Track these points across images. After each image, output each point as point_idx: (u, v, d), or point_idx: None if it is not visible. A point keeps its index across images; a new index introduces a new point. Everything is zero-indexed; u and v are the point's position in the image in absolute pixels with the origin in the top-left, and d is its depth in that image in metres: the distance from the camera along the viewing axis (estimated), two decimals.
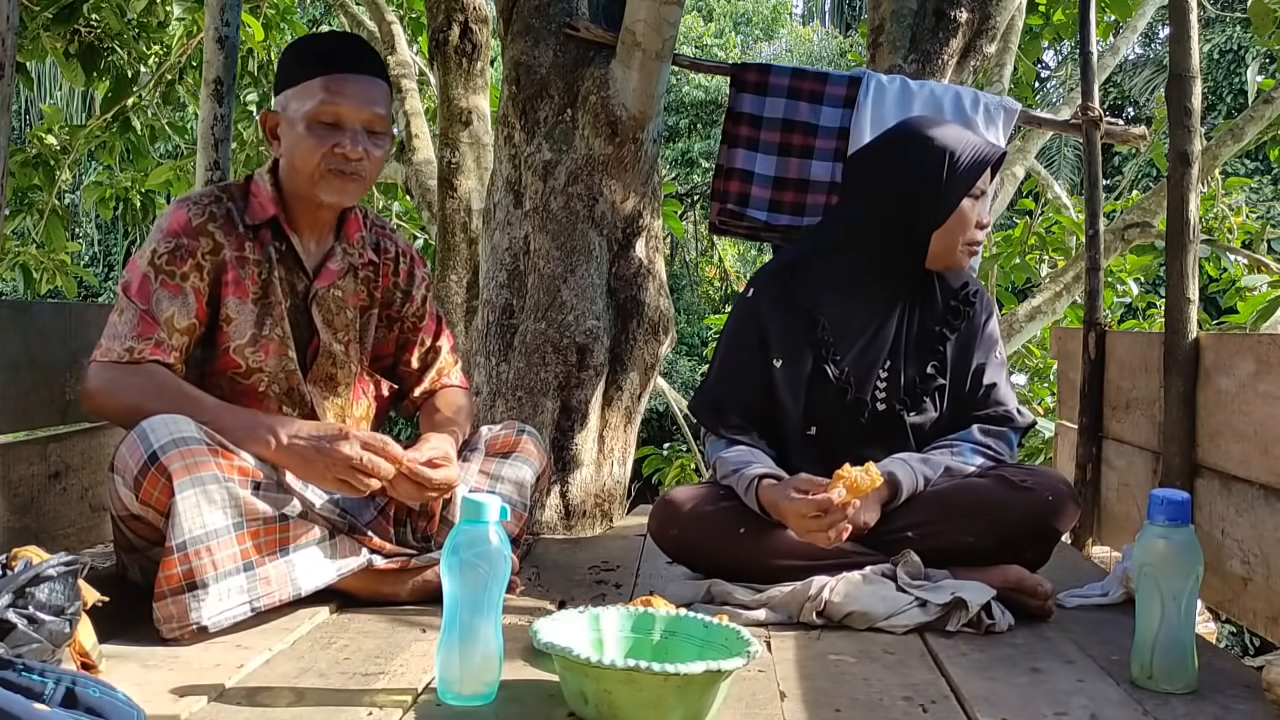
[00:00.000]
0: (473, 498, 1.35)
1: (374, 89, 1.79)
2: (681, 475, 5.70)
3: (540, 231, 2.69)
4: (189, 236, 1.75)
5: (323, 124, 1.74)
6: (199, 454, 1.57)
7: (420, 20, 5.46)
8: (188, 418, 1.60)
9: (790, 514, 1.83)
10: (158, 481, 1.55)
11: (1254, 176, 12.41)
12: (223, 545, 1.56)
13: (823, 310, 2.02)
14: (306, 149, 1.75)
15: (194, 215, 1.77)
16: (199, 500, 1.55)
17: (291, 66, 1.80)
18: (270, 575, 1.62)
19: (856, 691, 1.43)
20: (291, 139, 1.77)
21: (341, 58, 1.76)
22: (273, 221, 1.81)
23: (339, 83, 1.74)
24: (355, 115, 1.75)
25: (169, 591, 1.53)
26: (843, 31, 18.04)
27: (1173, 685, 1.46)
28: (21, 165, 5.23)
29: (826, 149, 2.69)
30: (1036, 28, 5.41)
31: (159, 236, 1.76)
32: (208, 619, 1.53)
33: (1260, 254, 5.28)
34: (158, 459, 1.54)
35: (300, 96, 1.75)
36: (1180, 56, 2.21)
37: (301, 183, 1.79)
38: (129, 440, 1.59)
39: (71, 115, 10.98)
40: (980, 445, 1.99)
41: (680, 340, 8.20)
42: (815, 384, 2.01)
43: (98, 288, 14.31)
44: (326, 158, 1.75)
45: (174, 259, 1.74)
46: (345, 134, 1.75)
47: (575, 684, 1.29)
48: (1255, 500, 1.90)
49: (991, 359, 2.06)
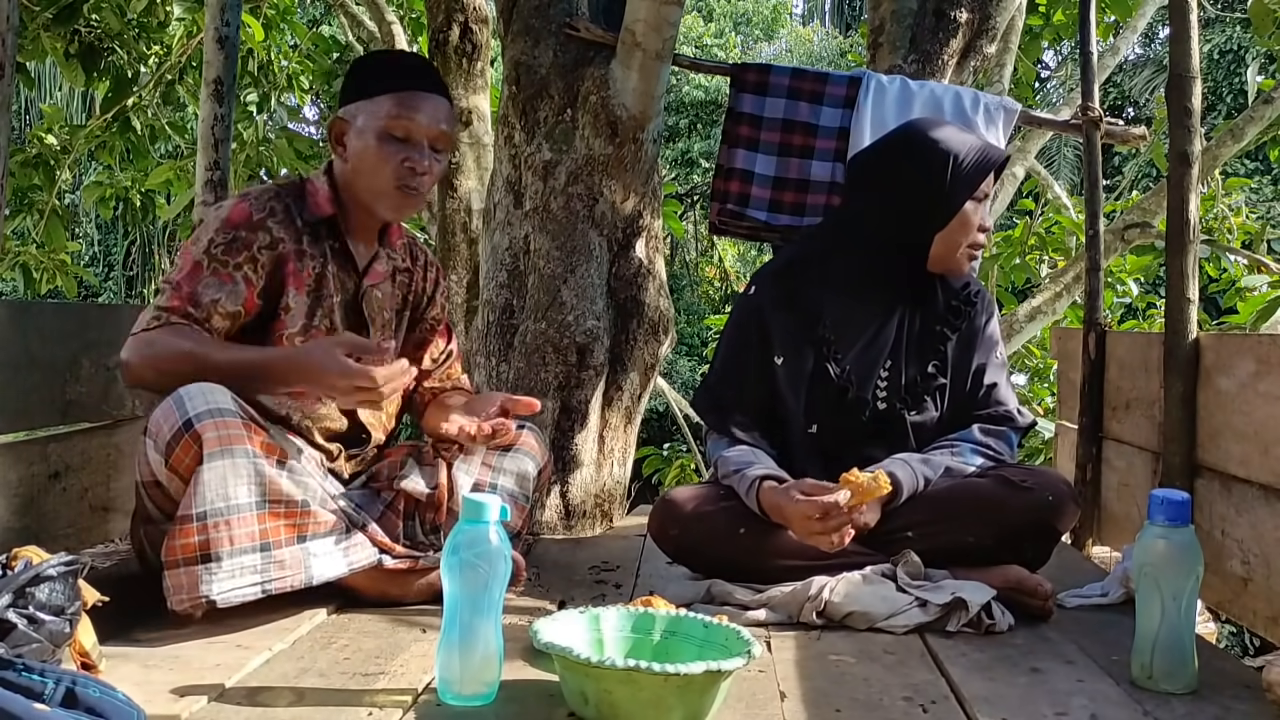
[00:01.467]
0: (473, 497, 1.35)
1: (443, 108, 1.86)
2: (681, 475, 5.69)
3: (540, 231, 2.69)
4: (247, 229, 1.79)
5: (394, 138, 1.81)
6: (233, 426, 1.59)
7: (420, 20, 5.46)
8: (224, 388, 1.63)
9: (794, 516, 1.83)
10: (190, 449, 1.57)
11: (1254, 176, 12.42)
12: (243, 521, 1.58)
13: (824, 309, 2.02)
14: (376, 160, 1.81)
15: (255, 209, 1.80)
16: (226, 473, 1.57)
17: (364, 80, 1.86)
18: (285, 559, 1.62)
19: (856, 691, 1.43)
20: (360, 148, 1.83)
21: (415, 76, 1.86)
22: (329, 220, 1.87)
23: (411, 99, 1.82)
24: (424, 131, 1.82)
25: (182, 560, 1.54)
26: (843, 31, 18.04)
27: (1173, 685, 1.46)
28: (21, 165, 5.22)
29: (826, 149, 2.69)
30: (1036, 28, 5.41)
31: (216, 226, 1.79)
32: (218, 594, 1.54)
33: (1260, 254, 5.28)
34: (193, 426, 1.57)
35: (372, 109, 1.82)
36: (1180, 56, 2.21)
37: (364, 191, 1.85)
38: (165, 405, 1.61)
39: (71, 115, 10.98)
40: (980, 445, 1.99)
41: (680, 340, 8.21)
42: (816, 382, 2.01)
43: (98, 288, 14.32)
44: (395, 171, 1.81)
45: (230, 249, 1.77)
46: (414, 149, 1.82)
47: (575, 684, 1.29)
48: (1255, 500, 1.90)
49: (992, 359, 2.07)
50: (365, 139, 1.82)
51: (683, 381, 11.51)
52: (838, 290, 2.03)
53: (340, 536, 1.71)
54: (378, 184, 1.83)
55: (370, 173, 1.83)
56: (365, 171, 1.83)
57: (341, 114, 1.87)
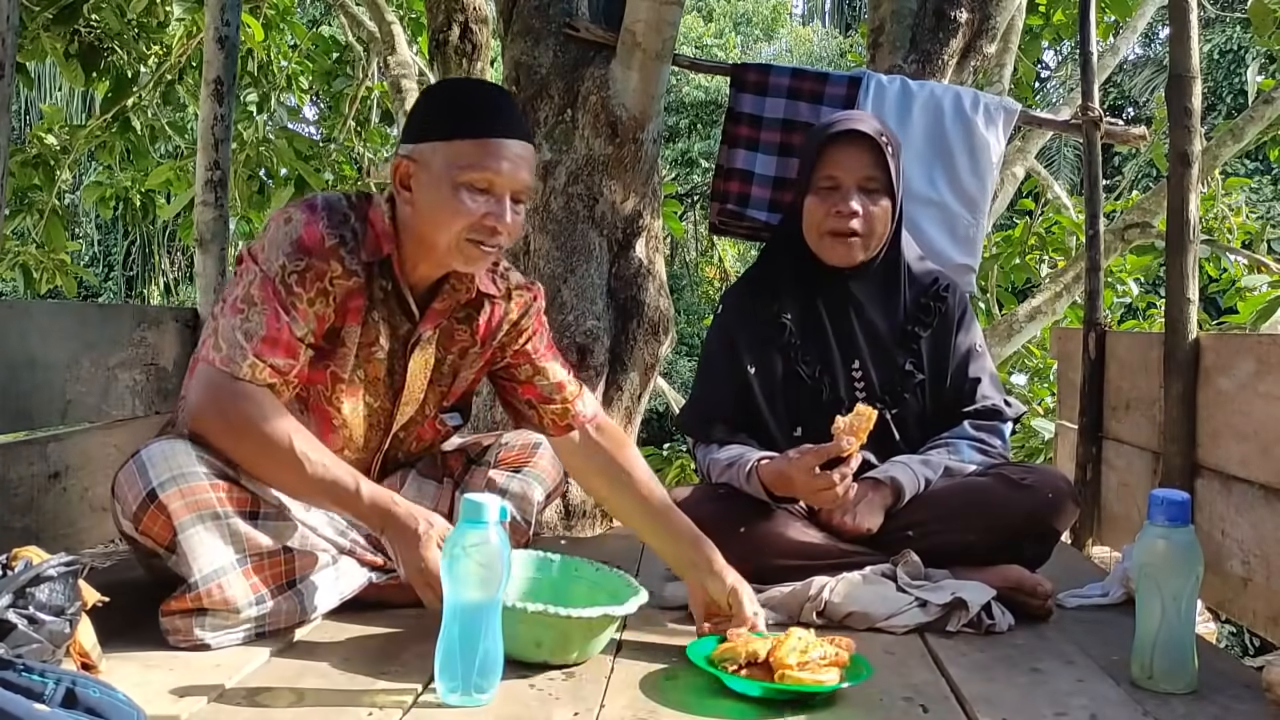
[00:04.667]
0: (473, 498, 1.36)
1: (527, 155, 1.66)
2: (681, 475, 5.70)
3: (540, 231, 2.69)
4: (320, 258, 1.62)
5: (474, 189, 1.61)
6: (199, 490, 1.53)
7: (420, 20, 5.46)
8: (187, 446, 1.55)
9: (798, 473, 1.82)
10: (157, 519, 1.52)
11: (1254, 176, 12.41)
12: (232, 583, 1.54)
13: (787, 312, 2.03)
14: (453, 212, 1.61)
15: (328, 235, 1.63)
16: (204, 537, 1.53)
17: (442, 118, 1.65)
18: (281, 609, 1.59)
19: (856, 691, 1.43)
20: (432, 197, 1.63)
21: (502, 122, 1.64)
22: (385, 260, 1.69)
23: (497, 148, 1.61)
24: (508, 185, 1.63)
25: (178, 611, 1.52)
26: (843, 31, 18.03)
27: (1173, 685, 1.46)
28: (21, 165, 5.23)
29: None
30: (1036, 28, 5.41)
31: (289, 249, 1.60)
32: (211, 639, 1.53)
33: (1260, 254, 5.29)
34: (156, 496, 1.51)
35: (449, 154, 1.61)
36: (1180, 56, 2.21)
37: (431, 242, 1.66)
38: (128, 470, 1.54)
39: (71, 115, 10.96)
40: (975, 440, 2.00)
41: (680, 340, 8.20)
42: (791, 386, 2.02)
43: (98, 287, 14.31)
44: (473, 226, 1.62)
45: (304, 280, 1.61)
46: (495, 203, 1.62)
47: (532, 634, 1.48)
48: (1255, 500, 1.90)
49: (973, 353, 2.07)
50: (439, 187, 1.61)
51: (682, 381, 11.50)
52: (794, 291, 2.06)
53: (329, 569, 1.67)
54: (450, 238, 1.63)
55: (443, 225, 1.63)
56: (436, 223, 1.63)
57: (410, 153, 1.65)
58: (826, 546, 1.90)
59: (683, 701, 1.39)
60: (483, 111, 1.64)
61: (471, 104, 1.66)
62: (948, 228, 2.68)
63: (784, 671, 1.38)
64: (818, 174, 2.01)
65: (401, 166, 1.66)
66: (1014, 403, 2.08)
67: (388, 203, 1.70)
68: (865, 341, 2.03)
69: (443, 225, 1.62)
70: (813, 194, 2.02)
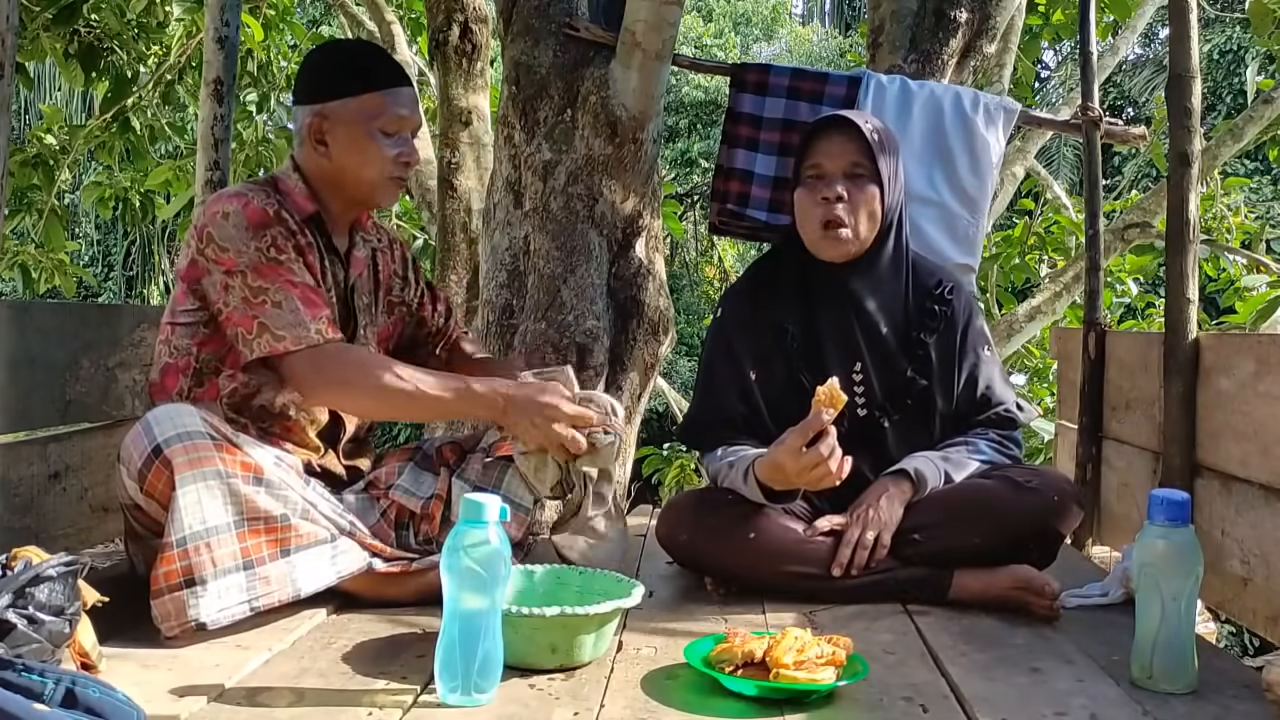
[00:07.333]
0: (472, 498, 1.35)
1: (414, 97, 1.93)
2: (681, 475, 5.69)
3: (540, 231, 2.69)
4: (273, 226, 1.78)
5: (387, 134, 1.86)
6: (203, 448, 1.59)
7: (420, 20, 5.46)
8: (193, 410, 1.63)
9: (787, 457, 1.79)
10: (162, 474, 1.57)
11: (1254, 176, 12.41)
12: (222, 543, 1.57)
13: (787, 318, 2.02)
14: (374, 156, 1.86)
15: (266, 206, 1.79)
16: (200, 495, 1.56)
17: (341, 77, 1.87)
18: (270, 575, 1.61)
19: (857, 691, 1.43)
20: (354, 145, 1.85)
21: (396, 74, 1.90)
22: (312, 217, 1.89)
23: (397, 95, 1.87)
24: (410, 124, 1.89)
25: (166, 588, 1.53)
26: (842, 31, 18.02)
27: (1173, 685, 1.46)
28: (21, 165, 5.22)
29: None
30: (1036, 28, 5.41)
31: (249, 233, 1.75)
32: (206, 616, 1.53)
33: (1259, 254, 5.29)
34: (161, 451, 1.57)
35: (359, 107, 1.85)
36: (1180, 56, 2.21)
37: (355, 185, 1.88)
38: (135, 431, 1.62)
39: (71, 115, 10.97)
40: (994, 442, 2.01)
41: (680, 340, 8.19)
42: (793, 392, 1.99)
43: (97, 288, 14.30)
44: (391, 164, 1.87)
45: (278, 247, 1.77)
46: (404, 141, 1.88)
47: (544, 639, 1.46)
48: (1255, 500, 1.90)
49: (983, 359, 2.06)
50: (355, 137, 1.85)
51: (682, 381, 11.50)
52: (794, 297, 2.04)
53: (328, 545, 1.70)
54: (372, 177, 1.87)
55: (364, 167, 1.86)
56: (358, 166, 1.86)
57: (321, 111, 1.86)
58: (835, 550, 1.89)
59: (683, 701, 1.39)
60: (379, 67, 1.90)
61: (368, 63, 1.91)
62: (948, 228, 2.68)
63: (779, 670, 1.38)
64: (804, 165, 2.02)
65: (314, 124, 1.86)
66: (1026, 406, 2.08)
67: (294, 170, 1.90)
68: (866, 345, 2.02)
69: (366, 167, 1.86)
70: (801, 186, 2.02)
